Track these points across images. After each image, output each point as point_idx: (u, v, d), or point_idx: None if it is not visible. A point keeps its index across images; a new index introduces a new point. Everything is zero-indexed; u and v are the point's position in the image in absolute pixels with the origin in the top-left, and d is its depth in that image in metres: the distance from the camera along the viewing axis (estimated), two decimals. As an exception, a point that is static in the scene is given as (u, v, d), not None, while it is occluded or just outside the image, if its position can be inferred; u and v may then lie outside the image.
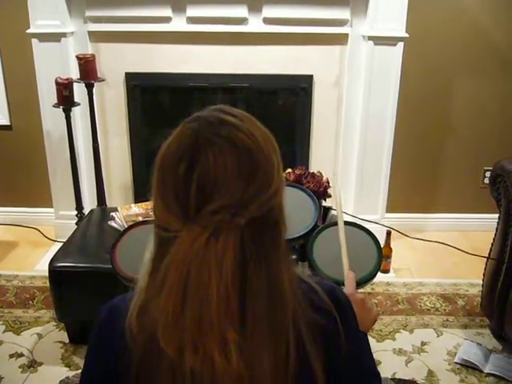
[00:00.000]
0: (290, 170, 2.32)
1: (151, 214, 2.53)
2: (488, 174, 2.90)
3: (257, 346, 0.73)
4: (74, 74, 2.74)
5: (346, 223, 1.78)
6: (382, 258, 1.63)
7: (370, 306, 1.19)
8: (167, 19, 2.77)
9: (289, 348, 0.74)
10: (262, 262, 0.74)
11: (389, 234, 2.74)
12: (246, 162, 0.74)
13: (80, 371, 2.10)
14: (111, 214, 2.42)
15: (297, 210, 1.72)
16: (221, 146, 0.73)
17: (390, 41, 2.72)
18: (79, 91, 2.75)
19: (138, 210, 2.40)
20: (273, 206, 0.77)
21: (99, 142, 2.87)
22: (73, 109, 2.72)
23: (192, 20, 2.77)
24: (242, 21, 2.77)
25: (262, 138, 0.77)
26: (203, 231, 0.72)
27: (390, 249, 2.77)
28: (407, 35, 2.70)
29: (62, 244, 2.34)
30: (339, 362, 0.82)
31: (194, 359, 0.72)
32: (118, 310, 0.81)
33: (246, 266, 0.73)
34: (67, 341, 2.26)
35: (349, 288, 1.20)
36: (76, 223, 2.85)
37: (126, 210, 2.40)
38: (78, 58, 2.66)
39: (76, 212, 2.91)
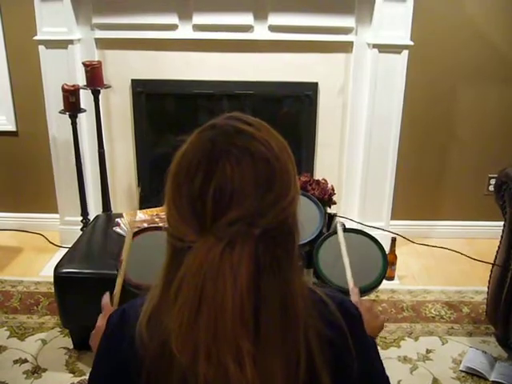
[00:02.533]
0: (294, 176, 2.32)
1: (156, 220, 2.52)
2: (493, 181, 2.89)
3: (270, 357, 0.73)
4: (81, 80, 2.76)
5: (352, 230, 1.79)
6: (387, 265, 1.63)
7: (377, 313, 1.19)
8: (173, 27, 2.78)
9: (299, 359, 0.74)
10: (276, 272, 0.74)
11: (394, 241, 2.74)
12: (262, 172, 0.73)
13: (84, 378, 2.10)
14: (116, 219, 2.43)
15: (302, 217, 1.73)
16: (237, 156, 0.73)
17: (395, 49, 2.73)
18: (85, 97, 2.77)
19: (144, 216, 2.41)
20: (288, 215, 0.76)
21: (105, 148, 2.89)
22: (79, 115, 2.73)
23: (198, 27, 2.79)
24: (247, 28, 2.78)
25: (277, 147, 0.77)
26: (218, 242, 0.71)
27: (395, 256, 2.76)
28: (412, 43, 2.70)
29: (67, 250, 2.34)
30: (350, 376, 0.81)
31: (207, 368, 0.71)
32: (129, 316, 0.81)
33: (260, 276, 0.72)
34: (71, 347, 2.26)
35: (354, 298, 1.21)
36: (81, 229, 2.86)
37: (132, 216, 2.41)
38: (84, 64, 2.68)
39: (81, 218, 2.91)
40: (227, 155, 0.73)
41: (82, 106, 2.73)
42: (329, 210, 2.39)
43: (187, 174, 0.74)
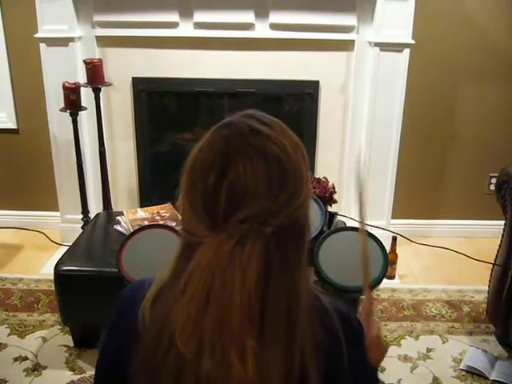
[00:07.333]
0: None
1: (157, 218, 2.52)
2: (494, 180, 2.89)
3: (271, 356, 0.73)
4: (82, 78, 2.76)
5: (352, 229, 1.78)
6: (388, 263, 1.63)
7: (383, 343, 1.04)
8: (174, 24, 2.78)
9: (294, 361, 0.74)
10: (284, 271, 0.74)
11: (394, 239, 2.73)
12: (275, 173, 0.74)
13: (84, 375, 2.11)
14: (117, 217, 2.43)
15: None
16: (251, 156, 0.73)
17: (397, 47, 2.73)
18: (86, 95, 2.76)
19: (144, 214, 2.41)
20: (299, 215, 0.77)
21: (105, 146, 2.88)
22: (80, 113, 2.73)
23: (199, 25, 2.78)
24: (248, 26, 2.78)
25: (291, 148, 0.77)
26: (229, 238, 0.72)
27: (396, 255, 2.76)
28: (413, 42, 2.70)
29: (67, 248, 2.34)
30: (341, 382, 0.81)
31: (210, 363, 0.72)
32: (139, 295, 0.82)
33: (269, 275, 0.73)
34: (72, 345, 2.26)
35: (363, 317, 1.03)
36: (82, 227, 2.86)
37: (132, 214, 2.41)
38: (85, 62, 2.68)
39: (82, 216, 2.91)
40: (241, 155, 0.74)
41: (83, 103, 2.73)
42: (329, 209, 2.38)
43: (202, 172, 0.75)
